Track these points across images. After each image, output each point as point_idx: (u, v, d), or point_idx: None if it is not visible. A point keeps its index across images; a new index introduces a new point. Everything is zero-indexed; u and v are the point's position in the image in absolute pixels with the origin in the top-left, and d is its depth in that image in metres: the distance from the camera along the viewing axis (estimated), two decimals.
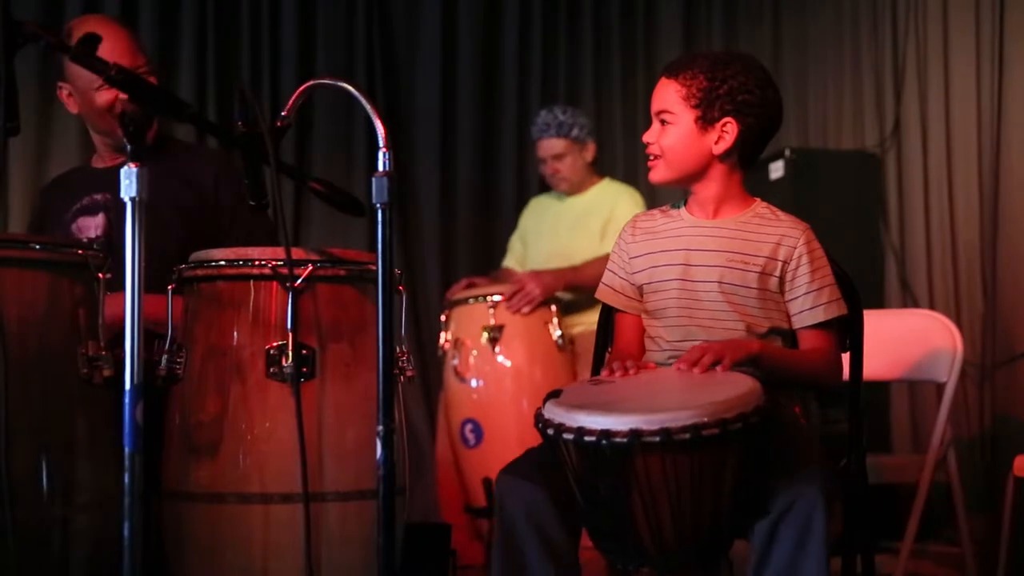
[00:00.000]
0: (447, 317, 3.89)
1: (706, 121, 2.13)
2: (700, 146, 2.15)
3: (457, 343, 3.78)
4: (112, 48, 2.57)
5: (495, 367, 3.73)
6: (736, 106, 2.12)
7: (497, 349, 3.72)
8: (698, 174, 2.17)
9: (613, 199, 4.13)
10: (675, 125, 2.15)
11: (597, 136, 4.31)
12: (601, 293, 2.28)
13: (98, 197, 2.66)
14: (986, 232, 4.12)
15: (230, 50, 4.86)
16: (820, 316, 2.13)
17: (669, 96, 2.16)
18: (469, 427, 3.74)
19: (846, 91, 4.83)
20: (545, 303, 3.82)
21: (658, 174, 2.19)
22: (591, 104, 5.12)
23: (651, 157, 2.19)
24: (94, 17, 2.86)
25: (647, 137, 2.19)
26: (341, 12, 5.04)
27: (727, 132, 2.13)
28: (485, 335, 3.72)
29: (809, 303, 2.13)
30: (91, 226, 2.66)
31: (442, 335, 3.87)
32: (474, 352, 3.75)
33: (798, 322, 2.14)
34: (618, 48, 5.35)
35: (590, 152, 4.18)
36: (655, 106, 2.18)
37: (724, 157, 2.16)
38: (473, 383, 3.75)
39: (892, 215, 4.57)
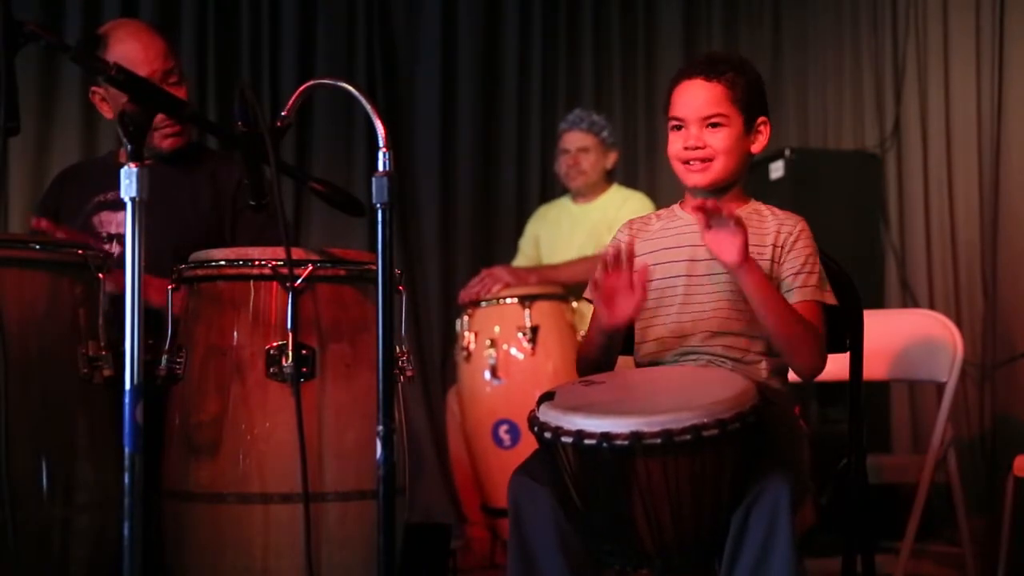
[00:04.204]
0: (470, 316, 3.90)
1: (749, 121, 2.16)
2: (745, 146, 2.18)
3: (493, 343, 3.79)
4: (145, 52, 2.59)
5: (534, 367, 3.75)
6: (764, 105, 2.18)
7: (535, 350, 3.74)
8: (737, 175, 2.19)
9: (622, 203, 4.16)
10: (728, 127, 2.15)
11: None
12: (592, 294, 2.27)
13: None
14: (986, 232, 4.12)
15: (230, 50, 4.86)
16: (808, 295, 2.12)
17: (718, 99, 2.15)
18: (504, 428, 3.75)
19: (846, 91, 4.83)
20: (564, 300, 3.85)
21: (710, 175, 2.16)
22: (591, 104, 5.12)
23: (698, 161, 2.16)
24: (126, 22, 2.86)
25: (695, 142, 2.15)
26: (341, 12, 5.03)
27: (761, 132, 2.17)
28: (522, 335, 3.74)
29: (799, 282, 2.12)
30: (113, 222, 2.66)
31: (466, 334, 3.87)
32: (511, 352, 3.77)
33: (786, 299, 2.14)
34: (618, 48, 5.35)
35: (611, 160, 4.27)
36: (702, 110, 2.15)
37: (753, 156, 2.19)
38: (508, 384, 3.76)
39: (892, 215, 4.57)
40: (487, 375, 3.80)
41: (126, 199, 1.74)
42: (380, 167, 1.85)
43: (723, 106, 2.14)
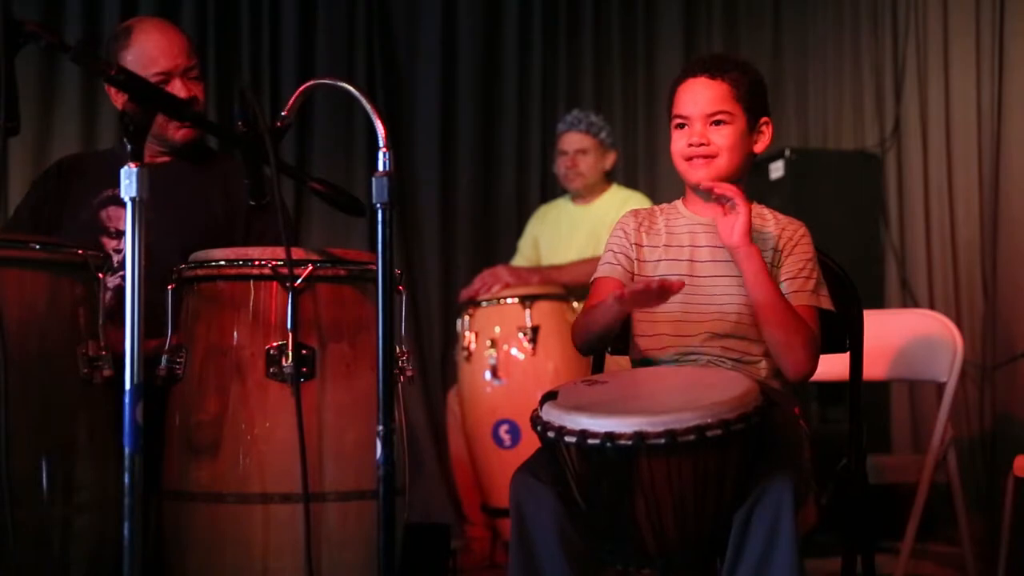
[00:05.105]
0: (471, 316, 3.90)
1: (752, 121, 2.17)
2: (748, 145, 2.19)
3: (493, 343, 3.79)
4: (169, 46, 2.63)
5: (535, 368, 3.75)
6: (766, 107, 2.20)
7: (535, 350, 3.74)
8: (739, 174, 2.19)
9: (622, 204, 4.15)
10: (732, 125, 2.16)
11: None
12: (603, 273, 2.25)
13: None
14: (986, 232, 4.12)
15: (230, 50, 4.86)
16: (804, 299, 2.13)
17: (723, 96, 2.16)
18: (505, 428, 3.75)
19: (846, 91, 4.83)
20: (565, 301, 3.85)
21: (713, 171, 2.17)
22: (591, 105, 5.12)
23: (701, 158, 2.17)
24: (151, 18, 2.89)
25: (700, 138, 2.16)
26: (341, 12, 5.03)
27: (763, 133, 2.18)
28: (522, 335, 3.74)
29: (796, 286, 2.14)
30: (121, 217, 2.65)
31: (466, 334, 3.87)
32: (512, 352, 3.77)
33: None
34: (618, 48, 5.35)
35: (609, 160, 4.27)
36: (707, 107, 2.16)
37: (755, 156, 2.20)
38: (509, 384, 3.76)
39: (892, 215, 4.57)
40: (488, 375, 3.80)
41: (126, 199, 1.74)
42: (380, 167, 1.85)
43: (727, 104, 2.15)
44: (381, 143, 1.86)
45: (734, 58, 2.24)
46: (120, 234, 2.64)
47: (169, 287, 2.21)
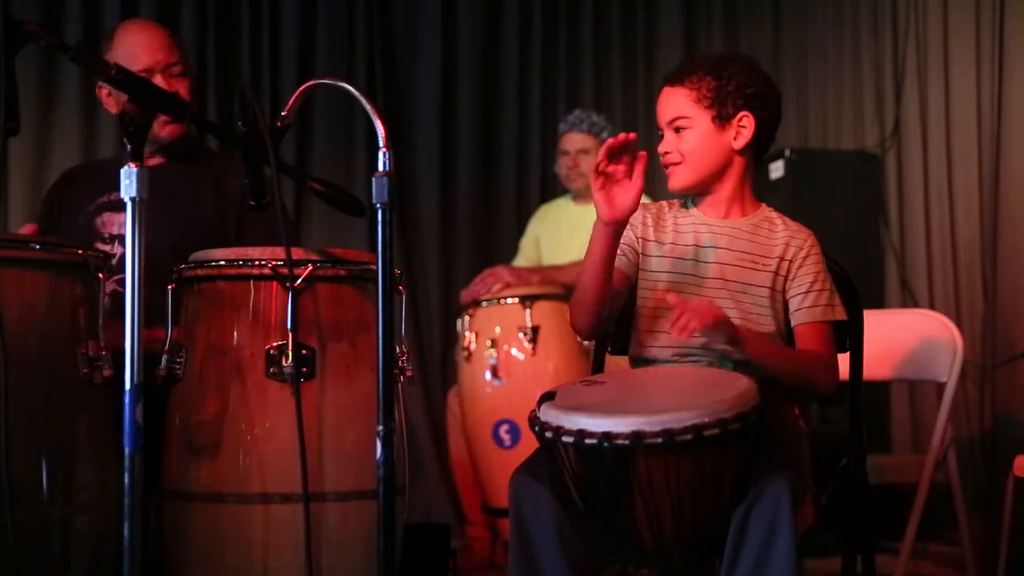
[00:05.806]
0: (471, 315, 3.90)
1: (722, 119, 2.15)
2: (720, 144, 2.17)
3: (493, 343, 3.79)
4: (149, 42, 2.64)
5: (535, 367, 3.75)
6: (747, 99, 2.16)
7: (535, 350, 3.74)
8: (718, 173, 2.18)
9: None
10: (692, 129, 2.16)
11: None
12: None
13: None
14: (986, 232, 4.12)
15: (230, 50, 4.86)
16: (818, 315, 2.13)
17: (679, 102, 2.17)
18: (505, 428, 3.75)
19: (846, 91, 4.83)
20: (565, 301, 3.85)
21: (679, 179, 2.19)
22: (591, 104, 5.12)
23: (668, 166, 2.20)
24: (134, 19, 2.94)
25: (664, 147, 2.19)
26: (341, 12, 5.04)
27: (744, 127, 2.16)
28: (523, 335, 3.74)
29: (809, 301, 2.14)
30: (115, 223, 2.66)
31: (467, 334, 3.87)
32: (512, 352, 3.78)
33: (795, 319, 2.15)
34: (618, 48, 5.36)
35: None
36: (666, 116, 2.19)
37: (742, 152, 2.18)
38: (509, 384, 3.76)
39: (892, 215, 4.57)
40: (488, 375, 3.80)
41: (126, 199, 1.74)
42: (380, 167, 1.85)
43: (683, 109, 2.16)
44: (381, 143, 1.86)
45: (706, 60, 2.20)
46: (114, 239, 2.65)
47: (169, 287, 2.21)
